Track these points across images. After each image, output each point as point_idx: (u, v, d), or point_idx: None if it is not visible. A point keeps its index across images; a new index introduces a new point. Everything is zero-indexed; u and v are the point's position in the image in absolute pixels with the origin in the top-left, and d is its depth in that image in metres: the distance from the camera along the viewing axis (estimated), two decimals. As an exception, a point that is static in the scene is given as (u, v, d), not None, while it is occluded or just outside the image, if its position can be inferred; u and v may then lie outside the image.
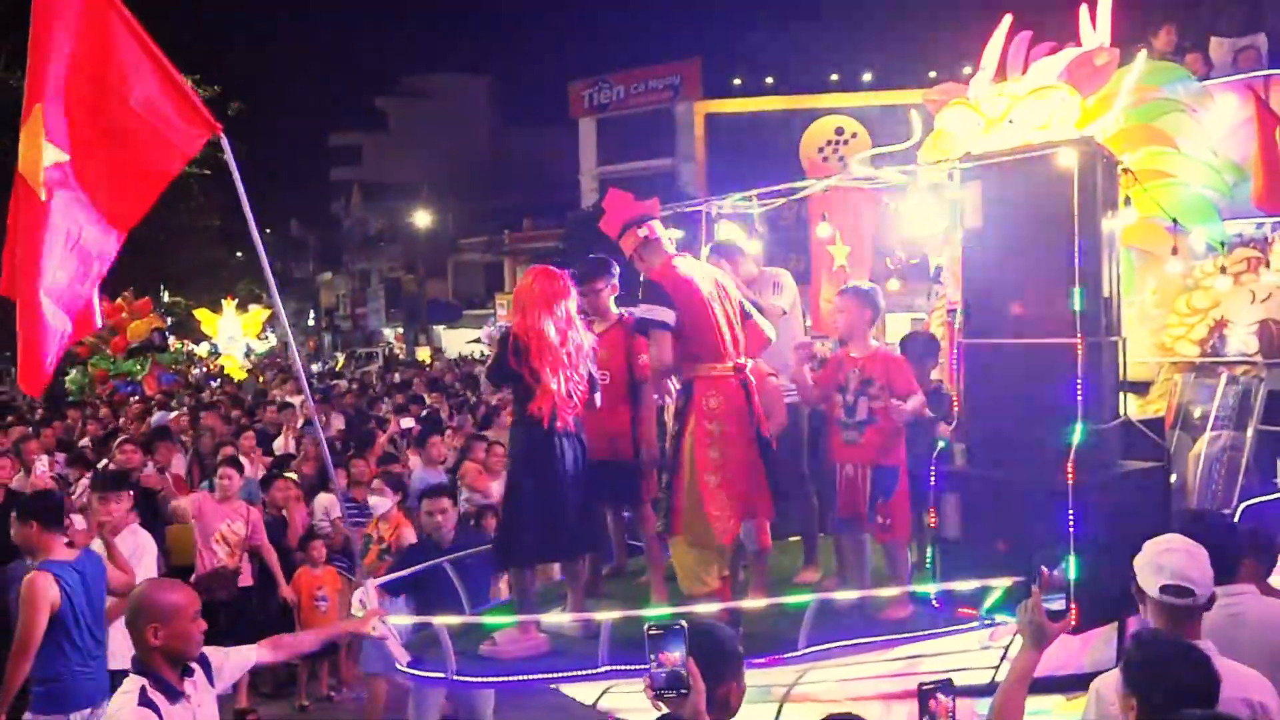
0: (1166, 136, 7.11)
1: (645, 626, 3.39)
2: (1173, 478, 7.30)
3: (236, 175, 5.52)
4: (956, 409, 6.20)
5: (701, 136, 46.84)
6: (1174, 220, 6.53)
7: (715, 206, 7.19)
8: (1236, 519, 6.83)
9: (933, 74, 29.08)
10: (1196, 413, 7.51)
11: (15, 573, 7.30)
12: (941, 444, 6.10)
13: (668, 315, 5.77)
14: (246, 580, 9.57)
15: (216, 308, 31.27)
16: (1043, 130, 6.38)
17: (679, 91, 47.05)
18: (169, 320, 27.02)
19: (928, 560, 6.18)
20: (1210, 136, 7.24)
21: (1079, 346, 5.64)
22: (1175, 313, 7.57)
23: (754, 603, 5.52)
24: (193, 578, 8.90)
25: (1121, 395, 6.15)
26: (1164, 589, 4.09)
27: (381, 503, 8.85)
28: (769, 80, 45.78)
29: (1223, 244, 7.22)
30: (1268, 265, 7.39)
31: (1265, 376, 7.22)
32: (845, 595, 5.69)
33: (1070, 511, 5.57)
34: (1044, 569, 4.05)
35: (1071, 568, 5.42)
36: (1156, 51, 9.07)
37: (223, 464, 9.91)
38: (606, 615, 5.23)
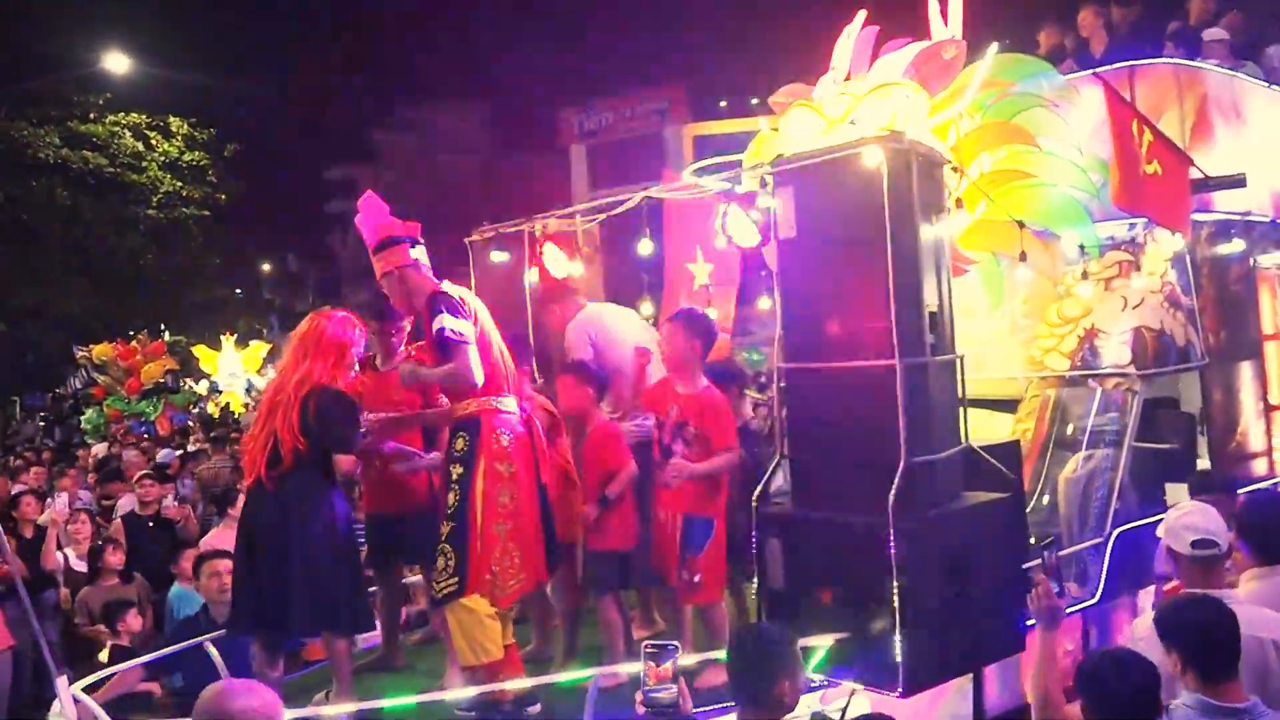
0: (1027, 134, 6.05)
1: (642, 644, 3.39)
2: (1045, 499, 6.31)
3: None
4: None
5: (691, 159, 45.54)
6: (1019, 223, 5.50)
7: (539, 226, 6.19)
8: (1109, 548, 5.81)
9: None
10: (1070, 430, 6.47)
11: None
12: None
13: (471, 330, 4.78)
14: None
15: (216, 345, 30.42)
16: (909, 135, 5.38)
17: (667, 115, 45.65)
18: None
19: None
20: (1076, 133, 6.20)
21: (897, 368, 4.64)
22: (1046, 323, 6.52)
23: (518, 683, 4.48)
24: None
25: (963, 419, 5.13)
26: (1194, 544, 4.27)
27: None
28: (754, 101, 44.48)
29: (1089, 247, 6.16)
30: (1139, 269, 6.35)
31: (1139, 389, 6.17)
32: (625, 669, 4.63)
33: (893, 557, 4.57)
34: (1044, 555, 4.53)
35: (897, 620, 4.48)
36: (1042, 51, 8.06)
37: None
38: (336, 709, 4.21)
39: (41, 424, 28.85)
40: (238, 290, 35.27)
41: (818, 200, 4.96)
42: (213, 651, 5.25)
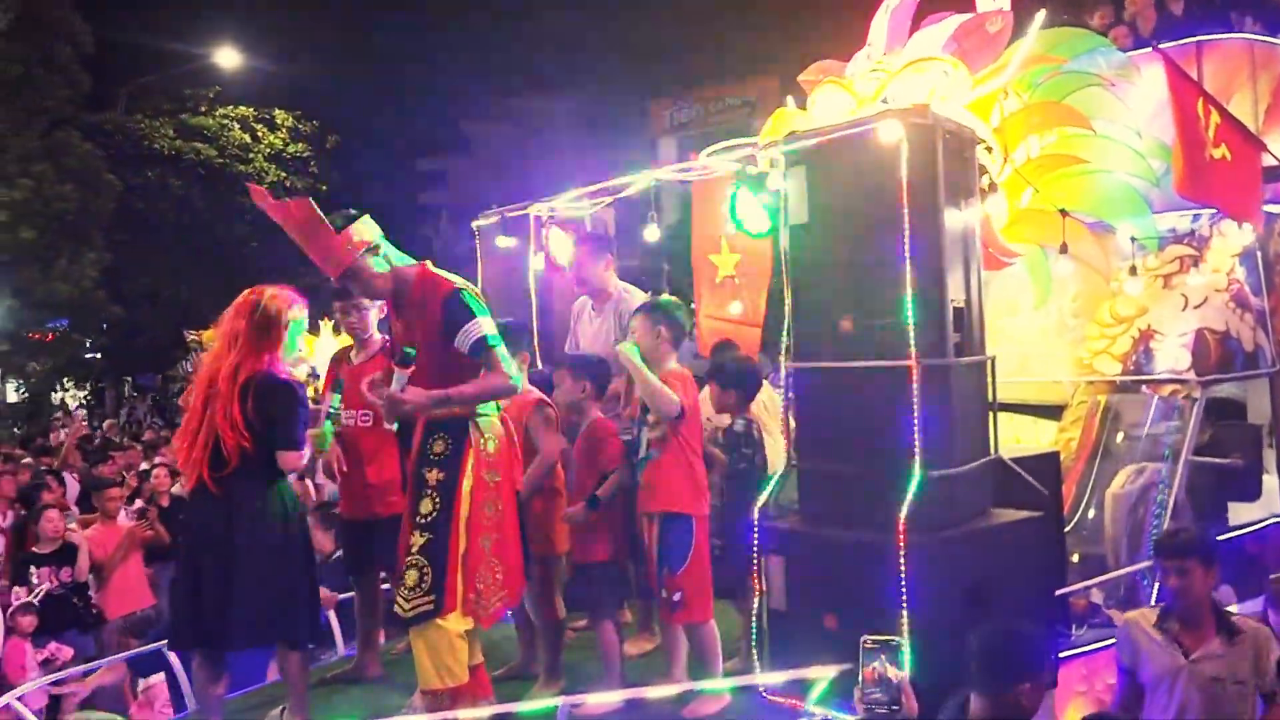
0: (1080, 116, 5.23)
1: (861, 639, 3.07)
2: (1090, 515, 5.49)
3: None
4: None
5: (780, 151, 44.10)
6: (1063, 212, 4.70)
7: (546, 209, 5.54)
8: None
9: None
10: (1120, 441, 5.61)
11: None
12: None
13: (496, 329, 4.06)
14: None
15: (314, 330, 30.28)
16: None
17: (756, 109, 44.37)
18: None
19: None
20: (1135, 115, 5.36)
21: (913, 370, 3.90)
22: (1096, 322, 5.66)
23: (475, 712, 3.81)
24: None
25: (993, 427, 4.37)
26: None
27: None
28: (845, 92, 42.80)
29: (1147, 239, 5.31)
30: (1202, 265, 5.46)
31: (1199, 397, 5.29)
32: (602, 699, 3.93)
33: (903, 582, 3.83)
34: None
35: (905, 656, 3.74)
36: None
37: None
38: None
39: (151, 404, 29.07)
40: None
41: (832, 181, 4.25)
42: (172, 657, 4.68)
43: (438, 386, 3.93)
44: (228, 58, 27.30)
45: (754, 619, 4.42)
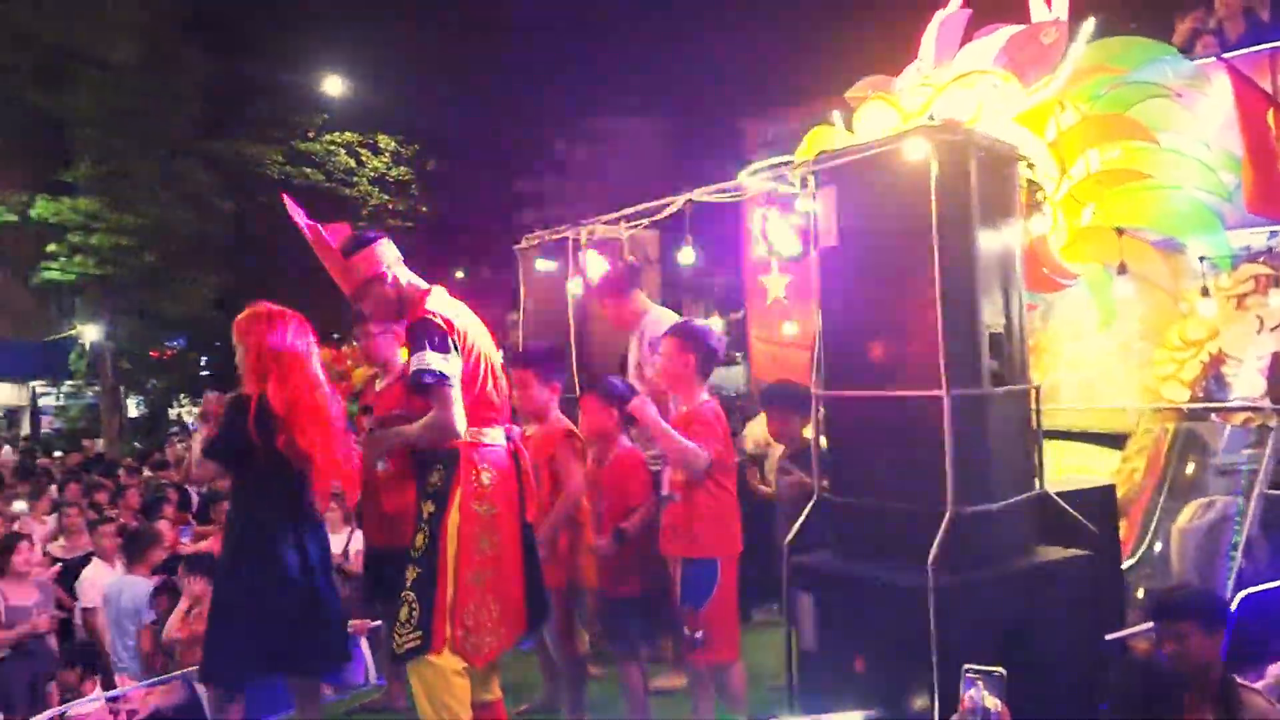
0: (1143, 128, 4.88)
1: (964, 668, 2.94)
2: (1155, 549, 5.09)
3: None
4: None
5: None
6: (1119, 230, 4.36)
7: (585, 232, 5.37)
8: (1233, 614, 4.56)
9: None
10: (1189, 472, 5.19)
11: None
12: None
13: (457, 365, 3.80)
14: None
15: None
16: (971, 126, 4.35)
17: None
18: (366, 368, 26.59)
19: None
20: (1204, 127, 4.98)
21: (944, 400, 3.62)
22: (1165, 346, 5.26)
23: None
24: None
25: (1039, 459, 4.05)
26: None
27: None
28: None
29: (1220, 258, 4.91)
30: (1277, 284, 5.03)
31: (1275, 426, 4.87)
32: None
33: (932, 626, 3.55)
34: None
35: (935, 700, 3.50)
36: (1176, 41, 6.71)
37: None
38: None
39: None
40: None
41: (862, 202, 3.98)
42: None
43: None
44: (333, 85, 27.90)
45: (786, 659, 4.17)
